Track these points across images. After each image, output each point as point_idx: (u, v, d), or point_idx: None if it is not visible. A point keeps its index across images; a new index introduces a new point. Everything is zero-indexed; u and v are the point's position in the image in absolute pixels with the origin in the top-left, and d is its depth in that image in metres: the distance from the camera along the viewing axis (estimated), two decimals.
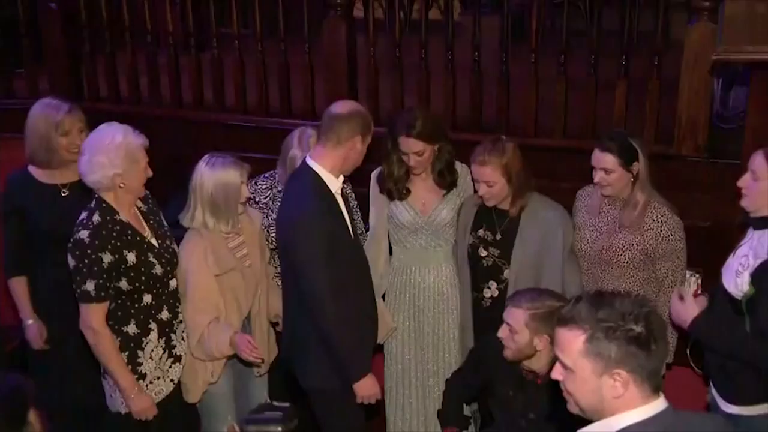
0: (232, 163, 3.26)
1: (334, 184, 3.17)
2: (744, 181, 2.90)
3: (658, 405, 1.86)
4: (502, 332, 3.07)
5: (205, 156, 3.30)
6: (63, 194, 3.50)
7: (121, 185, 3.08)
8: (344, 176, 3.25)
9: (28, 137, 3.46)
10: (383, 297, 3.75)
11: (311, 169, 3.14)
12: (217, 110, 4.67)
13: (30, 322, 3.55)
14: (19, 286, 3.56)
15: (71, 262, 3.07)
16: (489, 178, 3.33)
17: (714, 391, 3.06)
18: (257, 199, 3.66)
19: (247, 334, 3.30)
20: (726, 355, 2.93)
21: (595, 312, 1.85)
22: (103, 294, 3.08)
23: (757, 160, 2.84)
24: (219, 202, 3.21)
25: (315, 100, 4.46)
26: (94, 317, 3.09)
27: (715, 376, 3.07)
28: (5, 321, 4.69)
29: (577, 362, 1.87)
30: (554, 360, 3.01)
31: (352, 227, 3.34)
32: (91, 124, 4.72)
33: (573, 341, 1.86)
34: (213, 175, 3.21)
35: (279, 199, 3.51)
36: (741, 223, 3.06)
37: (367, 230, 3.76)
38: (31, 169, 3.50)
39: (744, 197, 2.91)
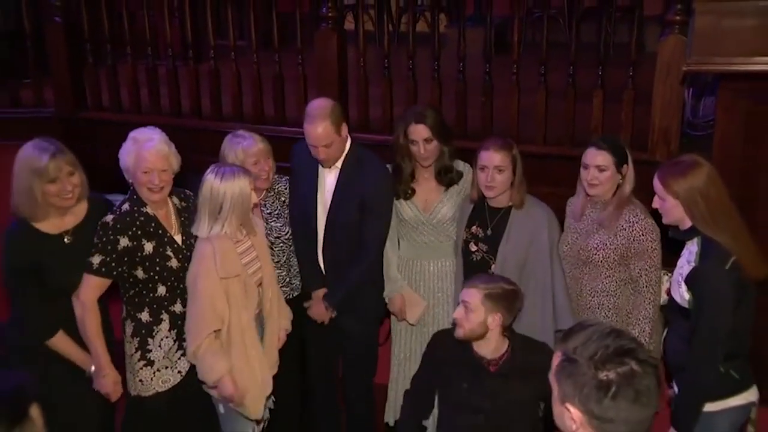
0: (240, 172, 3.19)
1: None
2: (656, 203, 2.99)
3: None
4: (458, 313, 3.10)
5: (211, 167, 3.21)
6: (66, 241, 3.17)
7: (130, 180, 3.16)
8: None
9: (13, 184, 3.10)
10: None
11: None
12: (215, 119, 4.69)
13: (93, 368, 3.22)
14: (63, 342, 3.19)
15: (95, 239, 3.11)
16: (500, 163, 3.37)
17: (675, 388, 3.12)
18: None
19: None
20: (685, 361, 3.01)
21: (583, 341, 1.71)
22: (104, 270, 3.10)
23: (655, 183, 2.95)
24: (233, 210, 3.14)
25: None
26: (88, 289, 3.12)
27: (676, 374, 3.13)
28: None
29: (552, 381, 1.78)
30: (506, 343, 3.11)
31: None
32: (94, 132, 4.79)
33: (555, 359, 1.77)
34: (224, 185, 3.12)
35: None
36: (673, 237, 3.10)
37: None
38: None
39: (664, 216, 3.00)
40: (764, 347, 3.37)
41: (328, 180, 3.61)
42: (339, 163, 3.59)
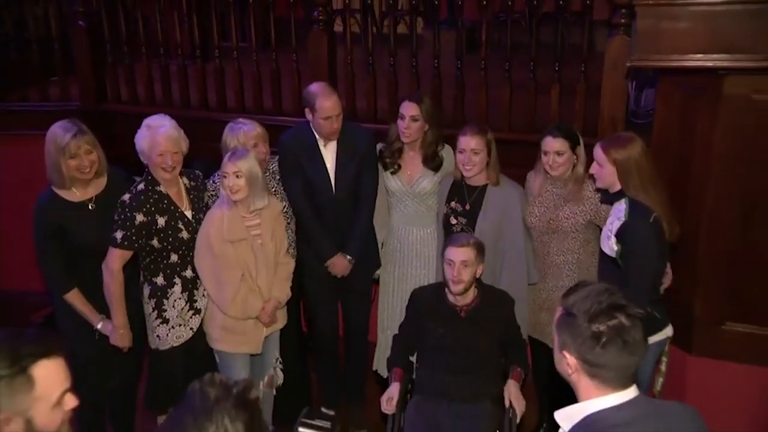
0: (250, 155, 3.22)
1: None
2: (593, 169, 3.07)
3: (628, 394, 1.72)
4: (458, 270, 3.14)
5: (227, 154, 3.24)
6: (90, 208, 3.24)
7: (145, 161, 3.19)
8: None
9: (45, 160, 3.18)
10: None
11: None
12: (220, 110, 4.68)
13: (100, 325, 3.28)
14: (76, 298, 3.24)
15: (114, 216, 3.13)
16: (476, 146, 3.40)
17: None
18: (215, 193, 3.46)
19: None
20: None
21: (580, 297, 1.73)
22: (126, 243, 3.13)
23: (596, 151, 3.02)
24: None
25: (302, 101, 4.49)
26: (114, 259, 3.16)
27: None
28: (33, 287, 4.68)
29: (554, 331, 1.81)
30: (475, 292, 3.19)
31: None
32: (113, 123, 4.80)
33: (557, 312, 1.80)
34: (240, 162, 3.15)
35: None
36: (604, 199, 3.20)
37: None
38: (56, 189, 3.21)
39: (598, 181, 3.08)
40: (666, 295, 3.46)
41: (329, 156, 3.62)
42: (334, 141, 3.60)
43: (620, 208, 3.03)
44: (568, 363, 1.74)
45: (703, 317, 3.48)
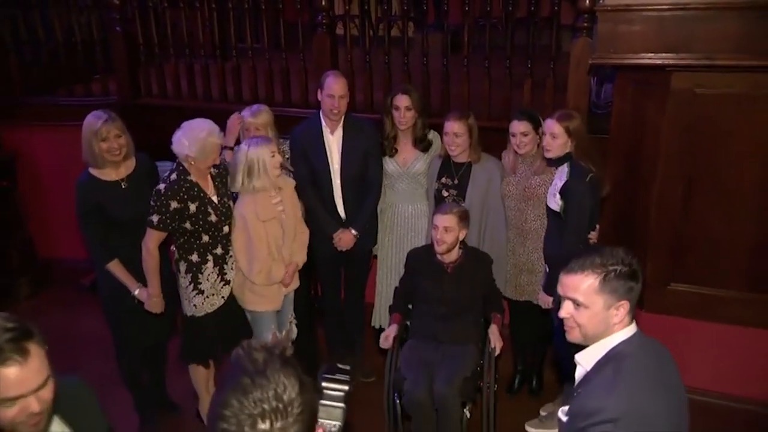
0: (264, 141, 3.23)
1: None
2: (546, 142, 3.13)
3: (633, 326, 1.81)
4: (441, 234, 3.21)
5: (245, 140, 3.25)
6: (123, 186, 3.20)
7: (192, 162, 3.12)
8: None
9: (82, 144, 3.16)
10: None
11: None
12: (237, 103, 4.62)
13: (137, 291, 3.25)
14: (117, 268, 3.22)
15: (150, 202, 3.12)
16: (458, 130, 3.43)
17: (546, 267, 3.29)
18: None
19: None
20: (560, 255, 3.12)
21: (603, 260, 1.76)
22: (161, 226, 3.11)
23: (551, 125, 3.08)
24: (259, 170, 3.19)
25: (308, 94, 4.48)
26: (151, 240, 3.14)
27: (547, 256, 3.31)
28: (80, 255, 4.75)
29: (591, 298, 1.77)
30: (460, 252, 3.21)
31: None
32: (145, 114, 4.80)
33: (588, 283, 1.77)
34: (253, 151, 3.18)
35: None
36: (549, 164, 3.24)
37: None
38: (92, 170, 3.18)
39: (548, 151, 3.14)
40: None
41: (335, 146, 3.61)
42: (340, 130, 3.59)
43: (563, 170, 3.11)
44: (618, 313, 1.77)
45: (652, 279, 3.51)
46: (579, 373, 1.87)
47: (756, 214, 3.27)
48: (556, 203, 3.13)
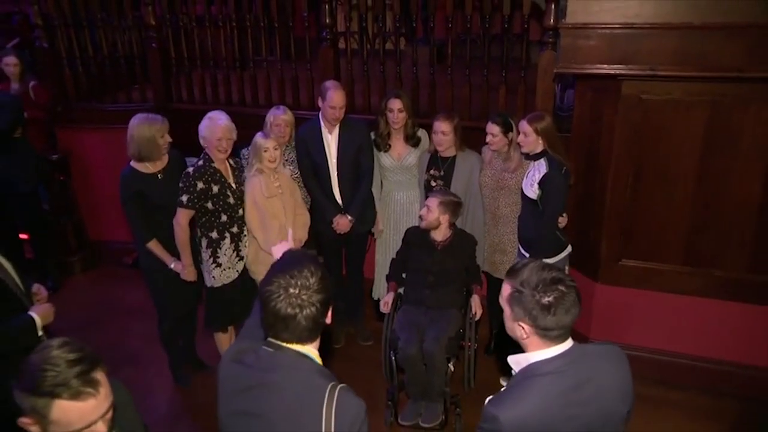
0: (269, 137, 3.31)
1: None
2: (520, 140, 3.15)
3: (563, 346, 1.60)
4: (423, 211, 3.28)
5: (257, 134, 3.33)
6: (160, 177, 3.21)
7: (204, 145, 3.17)
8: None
9: (134, 142, 3.11)
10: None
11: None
12: (254, 106, 4.65)
13: (173, 264, 3.27)
14: (156, 246, 3.23)
15: (180, 184, 3.14)
16: (446, 129, 3.45)
17: (525, 254, 3.30)
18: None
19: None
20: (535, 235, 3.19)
21: (527, 276, 1.58)
22: (190, 204, 3.13)
23: (523, 125, 3.09)
24: (258, 153, 3.28)
25: (314, 99, 4.34)
26: (182, 217, 3.17)
27: (523, 240, 3.32)
28: (123, 238, 4.84)
29: (505, 305, 1.64)
30: (450, 232, 3.19)
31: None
32: (177, 117, 4.79)
33: (506, 289, 1.64)
34: (259, 139, 3.30)
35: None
36: (527, 158, 3.25)
37: None
38: (134, 164, 3.17)
39: (523, 147, 3.15)
40: (582, 238, 3.53)
41: (333, 144, 3.62)
42: (336, 130, 3.59)
43: (542, 163, 3.11)
44: (523, 329, 1.60)
45: (606, 255, 3.54)
46: (513, 371, 1.70)
47: (691, 199, 3.30)
48: (533, 192, 3.13)
